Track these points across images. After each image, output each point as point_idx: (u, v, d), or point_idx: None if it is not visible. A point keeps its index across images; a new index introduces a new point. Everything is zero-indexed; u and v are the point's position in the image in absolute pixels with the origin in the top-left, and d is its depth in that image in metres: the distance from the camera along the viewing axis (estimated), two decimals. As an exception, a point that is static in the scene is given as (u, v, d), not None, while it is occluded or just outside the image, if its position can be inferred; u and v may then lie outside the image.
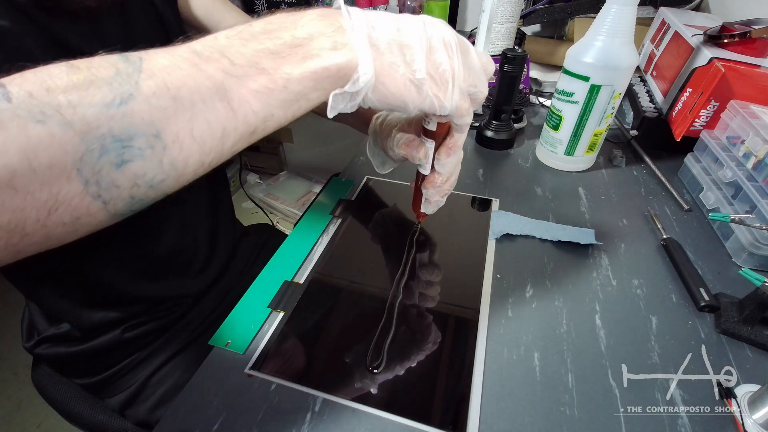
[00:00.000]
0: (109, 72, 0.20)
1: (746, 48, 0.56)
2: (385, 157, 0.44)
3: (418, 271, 0.45)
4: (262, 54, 0.23)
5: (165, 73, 0.21)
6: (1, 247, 0.19)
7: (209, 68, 0.22)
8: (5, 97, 0.18)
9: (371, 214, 0.54)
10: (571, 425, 0.32)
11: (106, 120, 0.20)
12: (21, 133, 0.18)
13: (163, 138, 0.21)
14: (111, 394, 0.51)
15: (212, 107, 0.22)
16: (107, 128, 0.20)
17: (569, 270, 0.46)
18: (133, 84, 0.20)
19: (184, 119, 0.22)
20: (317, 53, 0.24)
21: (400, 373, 0.35)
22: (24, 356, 1.09)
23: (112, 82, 0.20)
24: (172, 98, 0.21)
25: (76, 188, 0.20)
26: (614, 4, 0.49)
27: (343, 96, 0.26)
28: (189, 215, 0.52)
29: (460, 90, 0.29)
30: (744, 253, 0.46)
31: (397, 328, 0.39)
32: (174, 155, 0.22)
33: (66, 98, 0.19)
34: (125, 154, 0.20)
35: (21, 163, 0.18)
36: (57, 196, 0.19)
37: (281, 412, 0.33)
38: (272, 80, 0.23)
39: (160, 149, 0.21)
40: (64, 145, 0.19)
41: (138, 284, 0.48)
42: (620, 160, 0.64)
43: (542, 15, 0.88)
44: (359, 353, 0.37)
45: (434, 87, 0.28)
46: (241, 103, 0.23)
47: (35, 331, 0.51)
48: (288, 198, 1.68)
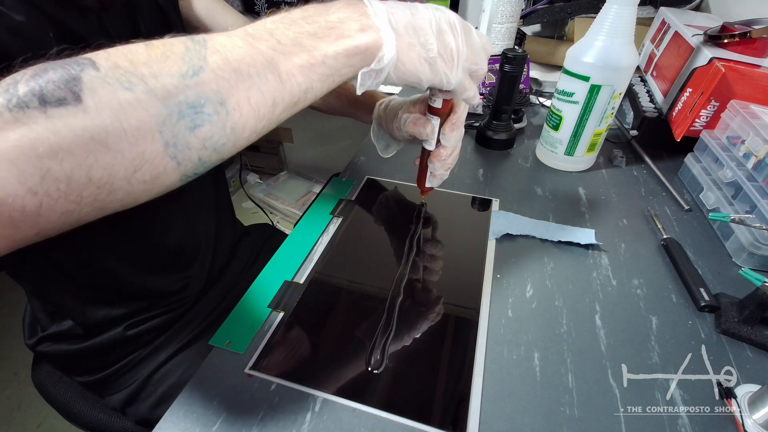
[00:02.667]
0: (180, 48, 0.23)
1: (746, 48, 0.56)
2: (389, 140, 0.48)
3: (419, 271, 0.45)
4: (303, 35, 0.27)
5: (226, 50, 0.24)
6: (90, 202, 0.21)
7: (261, 46, 0.26)
8: (93, 66, 0.21)
9: (371, 213, 0.54)
10: (571, 425, 0.32)
11: (182, 89, 0.23)
12: (112, 98, 0.21)
13: (226, 105, 0.24)
14: (112, 391, 0.51)
15: (265, 78, 0.25)
16: (183, 96, 0.23)
17: (569, 270, 0.46)
18: (202, 58, 0.24)
19: (243, 89, 0.25)
20: (349, 34, 0.28)
21: (401, 372, 0.35)
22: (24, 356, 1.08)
23: (185, 57, 0.23)
24: (234, 70, 0.24)
25: (158, 148, 0.22)
26: (614, 4, 0.49)
27: (370, 73, 0.30)
28: (191, 211, 0.52)
29: (463, 68, 0.33)
30: (744, 253, 0.46)
31: (398, 328, 0.39)
32: (235, 120, 0.25)
33: (148, 70, 0.22)
34: (197, 119, 0.23)
35: (113, 124, 0.21)
36: (143, 155, 0.22)
37: (281, 412, 0.33)
38: (312, 56, 0.27)
39: (224, 115, 0.24)
40: (149, 109, 0.21)
41: (142, 277, 0.48)
42: (620, 160, 0.64)
43: (542, 15, 0.88)
44: (359, 353, 0.37)
45: (443, 64, 0.32)
46: (288, 75, 0.26)
47: (38, 328, 0.51)
48: (288, 198, 1.68)
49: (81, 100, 0.20)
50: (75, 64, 0.21)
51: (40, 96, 0.20)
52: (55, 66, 0.20)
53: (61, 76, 0.20)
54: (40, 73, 0.20)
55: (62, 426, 1.04)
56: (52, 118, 0.20)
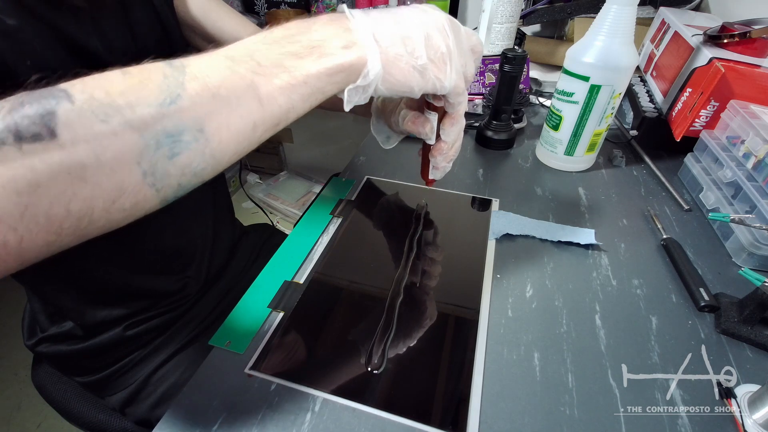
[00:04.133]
0: (158, 76, 0.23)
1: (746, 48, 0.56)
2: (390, 132, 0.47)
3: (418, 271, 0.45)
4: (285, 55, 0.26)
5: (205, 76, 0.24)
6: (70, 232, 0.22)
7: (241, 69, 0.25)
8: (68, 99, 0.21)
9: (371, 213, 0.54)
10: (571, 425, 0.32)
11: (160, 118, 0.22)
12: (88, 131, 0.20)
13: (205, 131, 0.24)
14: (112, 392, 0.51)
15: (245, 102, 0.25)
16: (161, 125, 0.22)
17: (569, 270, 0.46)
18: (180, 85, 0.23)
19: (223, 114, 0.24)
20: (331, 52, 0.27)
21: (401, 372, 0.35)
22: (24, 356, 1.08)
23: (162, 85, 0.23)
24: (213, 96, 0.24)
25: (136, 179, 0.22)
26: (614, 4, 0.49)
27: (357, 90, 0.29)
28: (187, 213, 0.52)
29: (456, 70, 0.31)
30: (744, 253, 0.46)
31: (397, 327, 0.39)
32: (214, 146, 0.25)
33: (125, 100, 0.22)
34: (176, 147, 0.23)
35: (90, 158, 0.20)
36: (121, 186, 0.22)
37: (281, 412, 0.33)
38: (294, 77, 0.26)
39: (203, 141, 0.24)
40: (126, 141, 0.21)
41: (140, 278, 0.48)
42: (620, 160, 0.64)
43: (542, 15, 0.88)
44: (359, 353, 0.37)
45: (435, 69, 0.30)
46: (269, 98, 0.26)
47: (37, 329, 0.51)
48: (288, 198, 1.68)
49: (56, 135, 0.20)
50: (51, 96, 0.20)
51: (15, 132, 0.19)
52: (31, 99, 0.20)
53: (36, 110, 0.20)
54: (17, 107, 0.20)
55: (62, 426, 1.04)
56: (27, 154, 0.19)
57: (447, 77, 0.31)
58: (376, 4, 1.09)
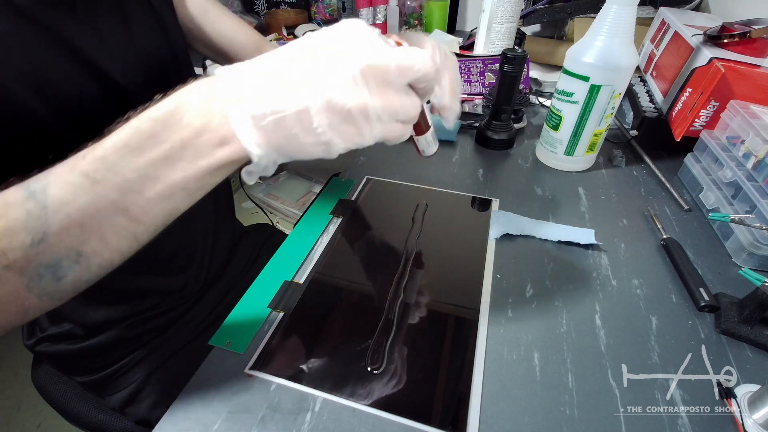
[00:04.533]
0: (21, 214, 0.23)
1: (746, 48, 0.56)
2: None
3: (418, 271, 0.45)
4: (154, 163, 0.24)
5: (66, 206, 0.23)
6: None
7: (104, 191, 0.24)
8: None
9: (371, 214, 0.54)
10: (571, 425, 0.32)
11: (33, 256, 0.23)
12: None
13: (84, 254, 0.25)
14: (112, 391, 0.51)
15: (117, 222, 0.25)
16: (36, 262, 0.23)
17: (569, 270, 0.46)
18: (44, 221, 0.23)
19: (96, 238, 0.25)
20: (208, 152, 0.24)
21: (400, 372, 0.35)
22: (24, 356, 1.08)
23: (26, 225, 0.23)
24: (79, 226, 0.24)
25: (34, 302, 0.25)
26: (614, 4, 0.49)
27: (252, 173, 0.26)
28: (186, 214, 0.52)
29: (380, 120, 0.25)
30: (744, 253, 0.46)
31: (397, 328, 0.39)
32: (99, 261, 0.25)
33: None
34: (59, 272, 0.24)
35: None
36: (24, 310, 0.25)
37: (281, 412, 0.33)
38: (168, 186, 0.25)
39: (85, 261, 0.25)
40: (11, 280, 0.23)
41: (139, 279, 0.48)
42: (620, 160, 0.64)
43: (542, 15, 0.88)
44: (359, 353, 0.37)
45: (349, 131, 0.25)
46: (143, 211, 0.25)
47: (37, 328, 0.51)
48: (288, 198, 1.68)
49: None
50: None
51: None
52: None
53: None
54: None
55: (62, 426, 1.04)
56: None
57: (366, 134, 0.25)
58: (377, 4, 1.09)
